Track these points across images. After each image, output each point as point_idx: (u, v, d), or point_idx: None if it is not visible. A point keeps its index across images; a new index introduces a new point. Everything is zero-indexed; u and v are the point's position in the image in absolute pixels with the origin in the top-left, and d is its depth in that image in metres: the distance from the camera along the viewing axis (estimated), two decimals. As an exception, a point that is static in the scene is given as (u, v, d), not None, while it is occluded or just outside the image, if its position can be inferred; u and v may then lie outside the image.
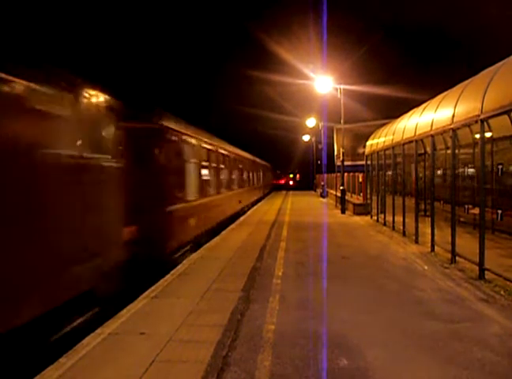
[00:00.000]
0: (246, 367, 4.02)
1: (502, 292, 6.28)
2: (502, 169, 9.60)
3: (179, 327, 5.00)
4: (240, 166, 20.77)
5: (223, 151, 15.77)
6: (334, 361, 4.14)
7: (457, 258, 8.21)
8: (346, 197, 20.71)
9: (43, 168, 4.39)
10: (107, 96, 5.88)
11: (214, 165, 13.84)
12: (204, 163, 12.31)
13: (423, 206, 13.21)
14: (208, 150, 13.05)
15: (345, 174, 22.06)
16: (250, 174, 26.22)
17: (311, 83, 21.45)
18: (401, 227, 11.99)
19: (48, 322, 4.43)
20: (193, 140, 11.10)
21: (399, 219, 12.33)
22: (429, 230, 9.72)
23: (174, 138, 9.35)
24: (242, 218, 18.11)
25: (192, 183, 10.77)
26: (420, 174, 13.25)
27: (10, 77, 3.93)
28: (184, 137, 10.16)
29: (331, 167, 33.63)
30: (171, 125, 9.25)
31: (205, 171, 12.39)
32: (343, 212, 19.76)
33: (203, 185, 12.02)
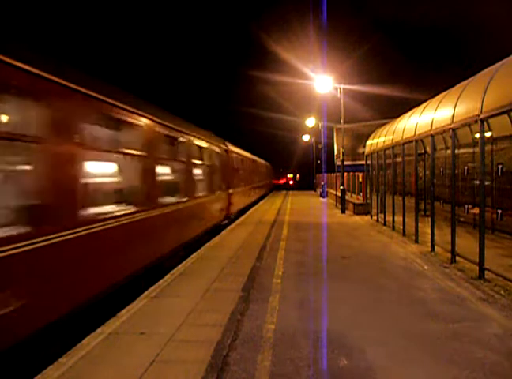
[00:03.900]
0: (246, 367, 4.02)
1: (502, 292, 6.29)
2: (502, 168, 9.60)
3: (179, 327, 5.00)
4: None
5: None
6: (334, 361, 4.14)
7: (456, 258, 8.21)
8: (346, 197, 20.71)
9: None
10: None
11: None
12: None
13: (422, 206, 13.22)
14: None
15: (345, 173, 22.05)
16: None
17: (311, 83, 21.45)
18: (401, 227, 12.00)
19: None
20: None
21: (399, 218, 12.34)
22: (429, 230, 9.73)
23: None
24: (241, 218, 18.10)
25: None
26: (420, 174, 13.25)
27: None
28: None
29: (331, 167, 33.68)
30: None
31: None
32: (343, 211, 19.77)
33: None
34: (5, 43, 4.19)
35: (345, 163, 21.94)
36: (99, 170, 5.97)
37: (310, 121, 38.31)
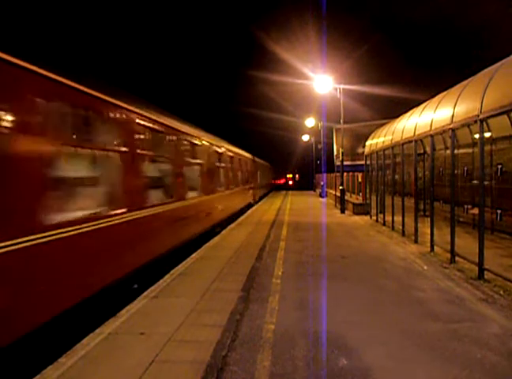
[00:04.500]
0: (246, 367, 4.02)
1: (501, 292, 6.29)
2: (501, 169, 9.61)
3: (179, 327, 5.00)
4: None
5: None
6: (334, 361, 4.14)
7: (456, 258, 8.22)
8: (345, 197, 20.71)
9: None
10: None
11: None
12: None
13: (422, 206, 13.22)
14: None
15: (345, 173, 22.05)
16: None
17: (311, 83, 21.46)
18: (401, 227, 12.00)
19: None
20: None
21: (398, 219, 12.34)
22: (428, 230, 9.73)
23: None
24: (241, 218, 18.11)
25: None
26: (420, 174, 13.26)
27: None
28: None
29: (331, 167, 33.67)
30: None
31: None
32: (342, 211, 19.77)
33: None
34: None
35: (345, 163, 21.94)
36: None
37: (310, 122, 38.34)
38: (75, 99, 5.28)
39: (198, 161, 11.32)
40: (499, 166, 9.72)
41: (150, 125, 7.65)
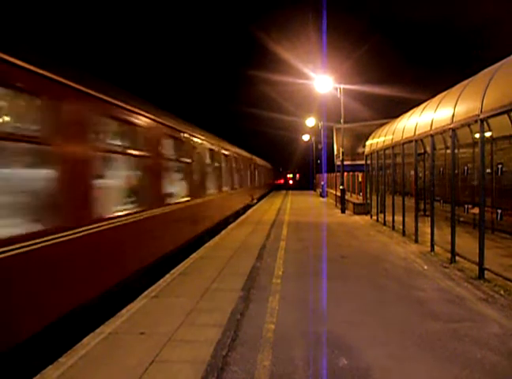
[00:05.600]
0: (246, 367, 4.02)
1: (501, 292, 6.29)
2: (501, 168, 9.61)
3: (179, 326, 5.00)
4: None
5: None
6: (334, 361, 4.14)
7: (456, 258, 8.21)
8: (346, 197, 20.71)
9: None
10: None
11: None
12: None
13: (422, 206, 13.22)
14: None
15: (345, 173, 22.04)
16: None
17: (311, 83, 21.46)
18: (401, 227, 11.99)
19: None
20: None
21: (399, 218, 12.34)
22: (429, 230, 9.73)
23: None
24: (242, 217, 18.10)
25: None
26: (420, 174, 13.25)
27: None
28: None
29: (331, 167, 33.67)
30: None
31: None
32: (343, 211, 19.77)
33: None
34: None
35: (345, 162, 21.93)
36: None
37: (310, 121, 38.34)
38: None
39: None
40: (500, 166, 9.72)
41: None
